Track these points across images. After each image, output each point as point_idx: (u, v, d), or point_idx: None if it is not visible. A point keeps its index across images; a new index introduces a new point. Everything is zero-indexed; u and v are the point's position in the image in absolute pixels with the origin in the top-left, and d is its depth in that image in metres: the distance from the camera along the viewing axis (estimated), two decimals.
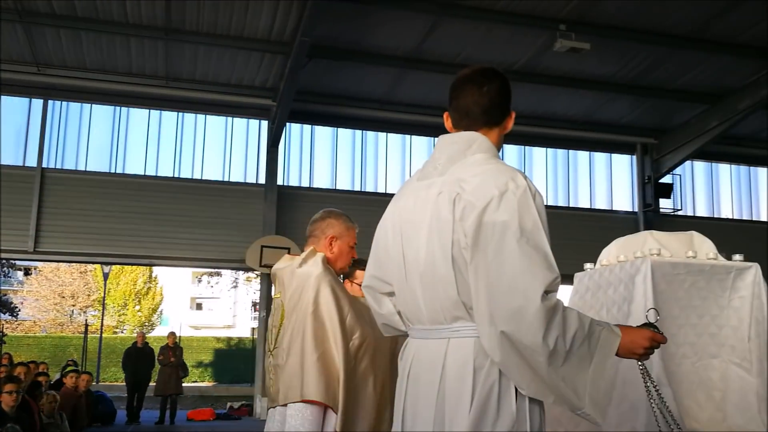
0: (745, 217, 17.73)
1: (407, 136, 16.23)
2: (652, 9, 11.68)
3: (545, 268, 1.80)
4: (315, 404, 2.70)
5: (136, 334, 27.56)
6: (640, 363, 2.07)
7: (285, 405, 2.77)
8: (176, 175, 14.95)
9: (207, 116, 15.34)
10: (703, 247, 3.48)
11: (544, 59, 13.22)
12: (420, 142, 16.32)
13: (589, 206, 16.96)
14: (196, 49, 13.07)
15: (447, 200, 1.92)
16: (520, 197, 1.85)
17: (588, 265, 3.87)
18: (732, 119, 14.40)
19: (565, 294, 3.51)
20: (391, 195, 2.15)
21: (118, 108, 14.94)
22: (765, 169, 18.02)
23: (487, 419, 1.85)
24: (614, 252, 3.75)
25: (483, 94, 2.06)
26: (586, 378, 1.84)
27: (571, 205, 16.85)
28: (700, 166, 17.61)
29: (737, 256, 3.45)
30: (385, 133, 16.11)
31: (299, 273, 2.90)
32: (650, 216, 16.35)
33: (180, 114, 15.22)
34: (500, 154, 2.14)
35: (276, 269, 3.03)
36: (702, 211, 17.49)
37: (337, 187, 15.76)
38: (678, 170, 16.55)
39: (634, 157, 16.83)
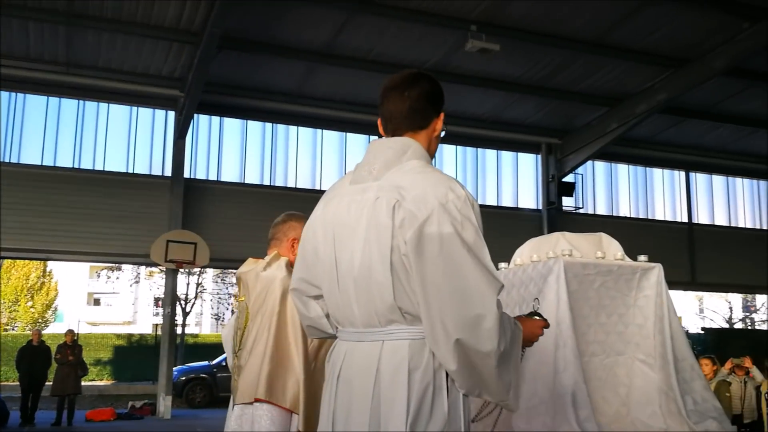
0: (641, 216, 18.60)
1: (318, 130, 16.13)
2: (558, 14, 12.06)
3: (494, 277, 1.86)
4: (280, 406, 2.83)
5: (29, 331, 26.28)
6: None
7: (246, 404, 2.87)
8: (76, 166, 14.31)
9: (110, 105, 14.74)
10: (611, 248, 3.61)
11: (455, 59, 13.42)
12: (331, 137, 16.25)
13: (496, 204, 17.36)
14: (99, 36, 12.53)
15: (386, 206, 1.92)
16: (461, 208, 1.88)
17: (503, 265, 3.95)
18: (630, 122, 15.07)
19: None
20: (301, 190, 2.14)
21: (13, 94, 14.15)
22: (660, 170, 18.95)
23: (421, 420, 1.88)
24: (527, 252, 3.84)
25: (404, 99, 2.09)
26: (512, 371, 1.93)
27: (479, 203, 17.14)
28: (600, 166, 18.34)
29: (642, 257, 3.60)
30: (295, 127, 15.95)
31: (263, 276, 2.99)
32: (553, 213, 16.90)
33: (81, 102, 14.56)
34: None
35: (240, 272, 3.12)
36: (602, 209, 18.23)
37: (246, 181, 15.49)
38: (580, 170, 17.18)
39: (539, 156, 17.36)
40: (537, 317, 2.20)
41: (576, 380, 3.23)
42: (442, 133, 2.24)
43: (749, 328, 27.03)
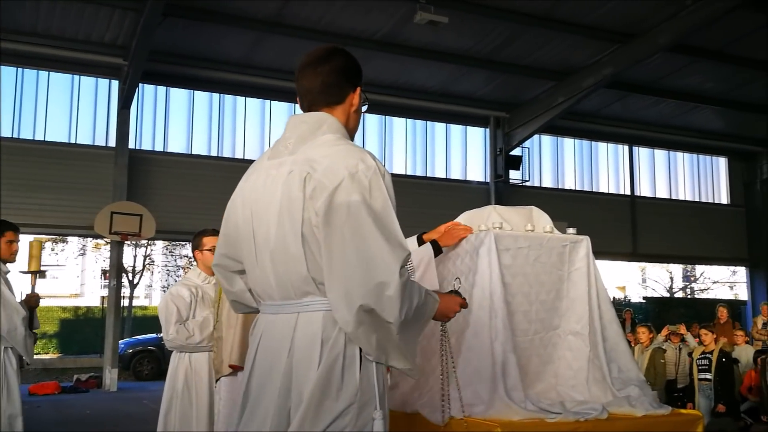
0: (585, 189, 18.97)
1: (266, 101, 15.96)
2: None
3: (399, 245, 1.90)
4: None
5: None
6: (442, 328, 2.29)
7: (231, 374, 2.95)
8: (16, 136, 13.90)
9: (50, 73, 14.31)
10: (541, 221, 3.69)
11: (405, 30, 13.39)
12: (279, 108, 16.10)
13: (445, 176, 17.49)
14: (38, 0, 12.11)
15: (298, 179, 1.95)
16: (371, 178, 1.92)
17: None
18: (576, 96, 15.29)
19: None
20: (249, 161, 2.17)
21: None
22: (605, 144, 19.31)
23: (331, 390, 1.93)
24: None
25: (317, 75, 2.15)
26: (416, 340, 2.03)
27: (428, 175, 17.30)
28: (546, 139, 18.60)
29: (570, 230, 3.69)
30: (243, 97, 15.75)
31: None
32: (501, 186, 17.12)
33: (20, 69, 14.10)
34: (361, 128, 2.22)
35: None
36: (548, 182, 18.53)
37: (193, 152, 15.27)
38: (527, 143, 17.40)
39: (488, 129, 17.51)
40: (458, 295, 2.29)
41: (505, 350, 3.32)
42: (364, 107, 2.28)
43: (689, 297, 27.91)
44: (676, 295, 27.92)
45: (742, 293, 21.98)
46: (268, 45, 13.84)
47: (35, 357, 5.83)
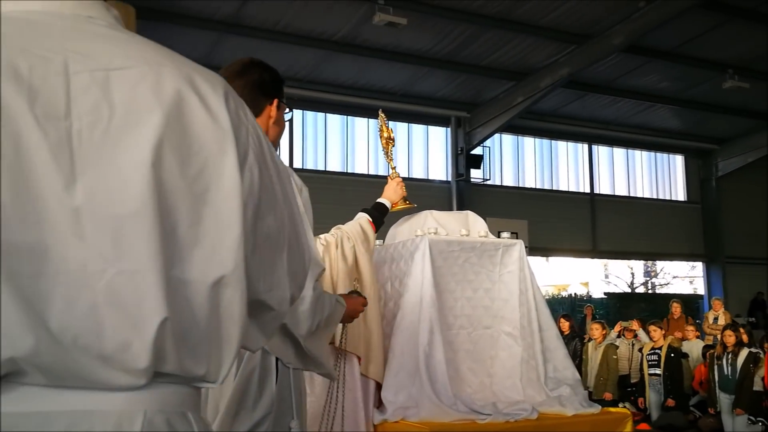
0: (546, 187, 19.21)
1: None
2: None
3: (316, 261, 1.92)
4: None
5: None
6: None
7: None
8: None
9: None
10: (476, 226, 3.78)
11: (364, 31, 13.43)
12: None
13: (407, 175, 17.56)
14: None
15: None
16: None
17: (378, 242, 4.07)
18: (535, 96, 15.48)
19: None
20: None
21: None
22: (564, 142, 19.58)
23: (247, 401, 1.97)
24: (401, 230, 3.97)
25: None
26: (326, 344, 2.10)
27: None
28: (507, 138, 18.79)
29: (505, 234, 3.77)
30: None
31: None
32: (462, 185, 17.26)
33: None
34: (323, 128, 2.25)
35: None
36: (509, 181, 18.72)
37: None
38: (488, 142, 17.55)
39: (449, 129, 17.63)
40: (356, 295, 2.40)
41: (436, 353, 3.40)
42: (287, 116, 2.31)
43: (649, 292, 28.37)
44: (637, 291, 28.37)
45: (700, 288, 22.45)
46: (227, 46, 13.77)
47: None
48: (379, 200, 3.55)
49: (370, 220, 3.35)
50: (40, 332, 0.86)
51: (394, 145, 3.92)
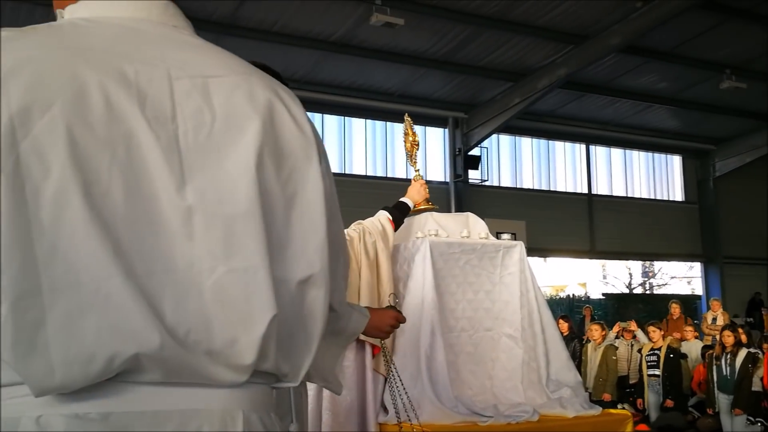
0: (543, 187, 19.21)
1: None
2: None
3: None
4: None
5: None
6: (382, 343, 2.29)
7: None
8: None
9: None
10: (477, 228, 3.77)
11: (361, 32, 13.41)
12: None
13: (405, 176, 17.55)
14: None
15: None
16: None
17: None
18: (532, 97, 15.47)
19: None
20: None
21: None
22: (562, 143, 19.58)
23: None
24: (401, 232, 3.96)
25: None
26: (338, 357, 2.03)
27: (388, 176, 17.37)
28: (505, 139, 18.78)
29: (505, 236, 3.76)
30: None
31: None
32: (460, 186, 17.25)
33: None
34: (320, 129, 2.22)
35: None
36: (506, 182, 18.72)
37: None
38: (485, 143, 17.54)
39: (446, 130, 17.62)
40: (395, 310, 2.27)
41: (438, 355, 3.39)
42: None
43: (647, 293, 28.40)
44: (634, 291, 28.40)
45: (698, 288, 22.47)
46: (224, 47, 13.25)
47: None
48: (402, 199, 3.63)
49: (390, 218, 3.43)
50: (161, 328, 0.88)
51: (418, 149, 3.99)
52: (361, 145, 17.29)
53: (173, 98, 0.97)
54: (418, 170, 3.94)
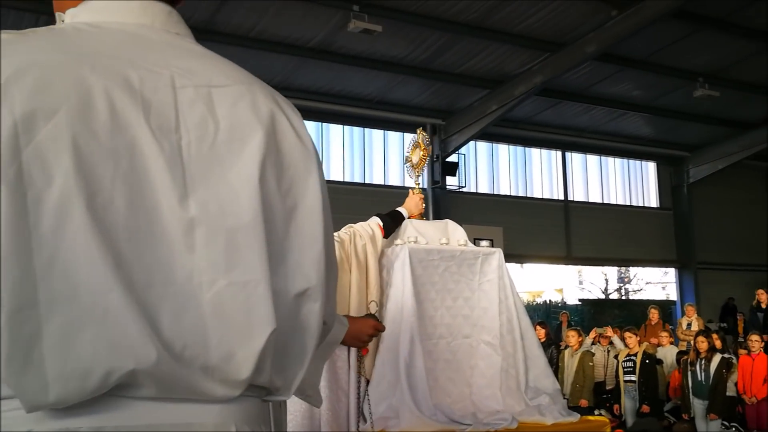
0: (520, 194, 19.31)
1: None
2: None
3: None
4: None
5: None
6: (358, 352, 2.29)
7: None
8: None
9: None
10: (456, 235, 3.77)
11: (339, 38, 13.41)
12: None
13: (383, 183, 17.56)
14: None
15: None
16: None
17: None
18: (509, 104, 15.57)
19: None
20: None
21: None
22: (538, 150, 19.71)
23: None
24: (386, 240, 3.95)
25: None
26: (321, 369, 2.02)
27: (366, 182, 17.36)
28: (482, 146, 18.87)
29: (484, 243, 3.77)
30: None
31: None
32: (438, 193, 17.28)
33: None
34: None
35: None
36: (484, 188, 18.79)
37: None
38: (463, 150, 17.60)
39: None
40: (374, 319, 2.30)
41: (417, 363, 3.37)
42: None
43: (623, 298, 28.64)
44: (610, 297, 28.62)
45: (673, 294, 22.70)
46: None
47: None
48: (398, 209, 3.70)
49: (381, 224, 3.53)
50: (157, 343, 0.87)
51: (426, 163, 4.05)
52: (339, 151, 17.27)
53: (177, 107, 0.96)
54: (419, 183, 3.97)
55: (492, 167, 19.01)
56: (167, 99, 0.95)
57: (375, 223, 3.54)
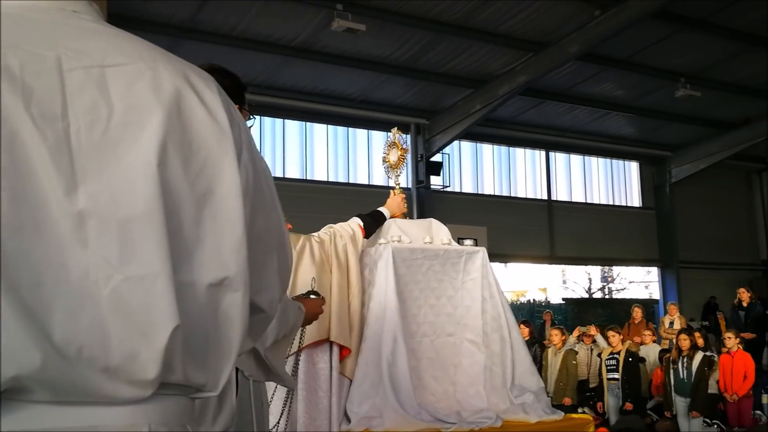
0: (504, 194, 19.36)
1: None
2: None
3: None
4: None
5: None
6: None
7: None
8: None
9: None
10: (440, 234, 3.75)
11: (323, 37, 13.36)
12: None
13: (367, 182, 17.53)
14: None
15: None
16: None
17: None
18: (493, 103, 15.60)
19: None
20: None
21: None
22: (522, 149, 19.77)
23: (206, 416, 1.89)
24: (369, 239, 3.93)
25: None
26: (285, 353, 2.06)
27: (350, 181, 17.32)
28: (466, 146, 18.90)
29: (468, 242, 3.76)
30: None
31: None
32: (422, 192, 17.28)
33: None
34: (281, 134, 2.19)
35: None
36: (468, 188, 18.82)
37: None
38: (447, 149, 17.61)
39: (409, 136, 17.64)
40: (314, 296, 2.36)
41: (400, 362, 3.36)
42: (249, 123, 2.25)
43: (606, 297, 28.79)
44: (594, 296, 28.76)
45: (656, 293, 22.85)
46: (183, 51, 13.56)
47: None
48: (379, 209, 3.72)
49: (361, 225, 3.56)
50: (45, 347, 0.81)
51: (404, 162, 4.03)
52: (323, 150, 17.22)
53: (64, 92, 0.89)
54: (399, 183, 3.97)
55: (476, 167, 19.04)
56: (52, 83, 0.88)
57: (356, 223, 3.57)
